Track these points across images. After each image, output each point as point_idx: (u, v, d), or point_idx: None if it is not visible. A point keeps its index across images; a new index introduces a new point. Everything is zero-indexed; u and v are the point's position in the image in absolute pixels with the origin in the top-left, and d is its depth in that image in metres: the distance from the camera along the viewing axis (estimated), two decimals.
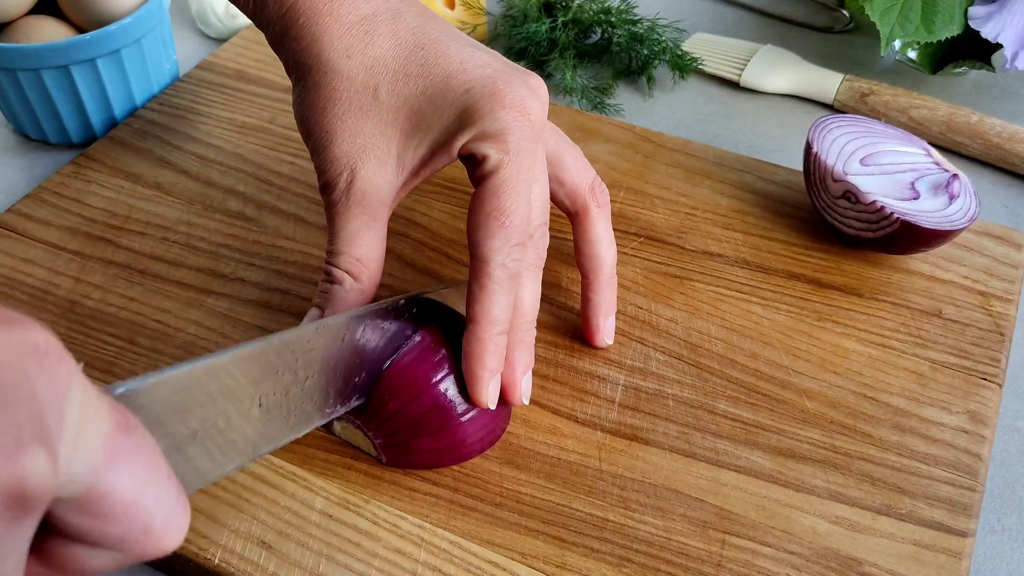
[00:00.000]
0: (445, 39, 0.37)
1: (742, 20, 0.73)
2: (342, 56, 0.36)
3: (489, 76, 0.36)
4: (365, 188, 0.36)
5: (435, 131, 0.36)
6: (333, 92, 0.36)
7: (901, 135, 0.49)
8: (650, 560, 0.36)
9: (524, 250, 0.36)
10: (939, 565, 0.36)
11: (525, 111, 0.35)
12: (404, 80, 0.36)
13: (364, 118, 0.36)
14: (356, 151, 0.36)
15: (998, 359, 0.43)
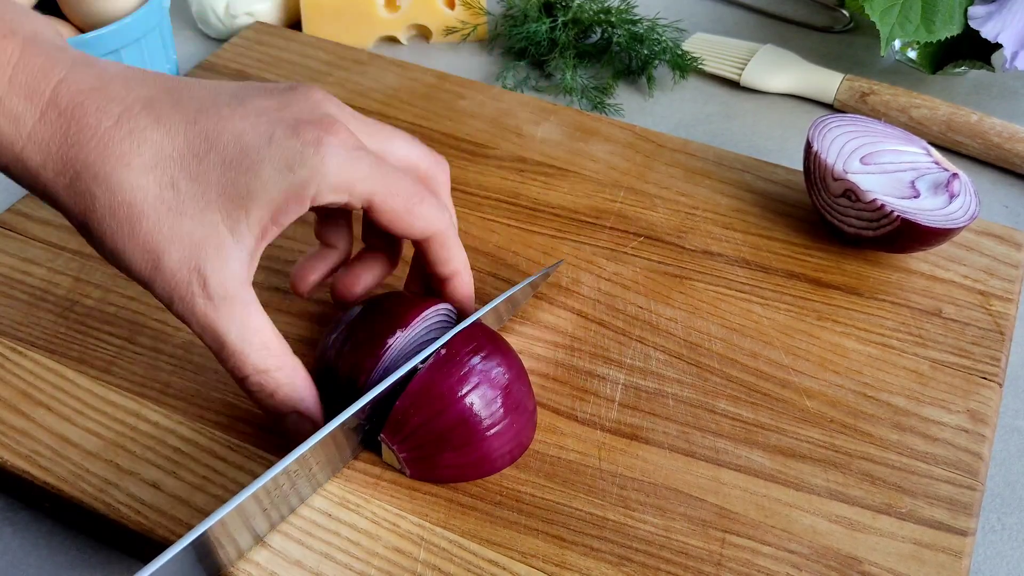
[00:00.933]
0: (211, 101, 0.34)
1: (742, 20, 0.73)
2: (120, 167, 0.32)
3: (279, 118, 0.33)
4: (221, 280, 0.33)
5: (264, 192, 0.33)
6: (131, 209, 0.32)
7: (901, 134, 0.49)
8: (650, 559, 0.36)
9: (440, 198, 0.39)
10: (939, 564, 0.36)
11: (334, 137, 0.33)
12: (196, 161, 0.32)
13: (179, 217, 0.32)
14: (189, 253, 0.32)
15: (998, 358, 0.43)
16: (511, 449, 0.38)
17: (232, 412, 0.40)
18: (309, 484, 0.36)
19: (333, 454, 0.36)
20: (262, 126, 0.33)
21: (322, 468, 0.36)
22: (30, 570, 0.38)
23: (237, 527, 0.33)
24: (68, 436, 0.39)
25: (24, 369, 0.42)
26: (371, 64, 0.61)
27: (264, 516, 0.35)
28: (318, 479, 0.37)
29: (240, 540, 0.34)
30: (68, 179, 0.32)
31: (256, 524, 0.34)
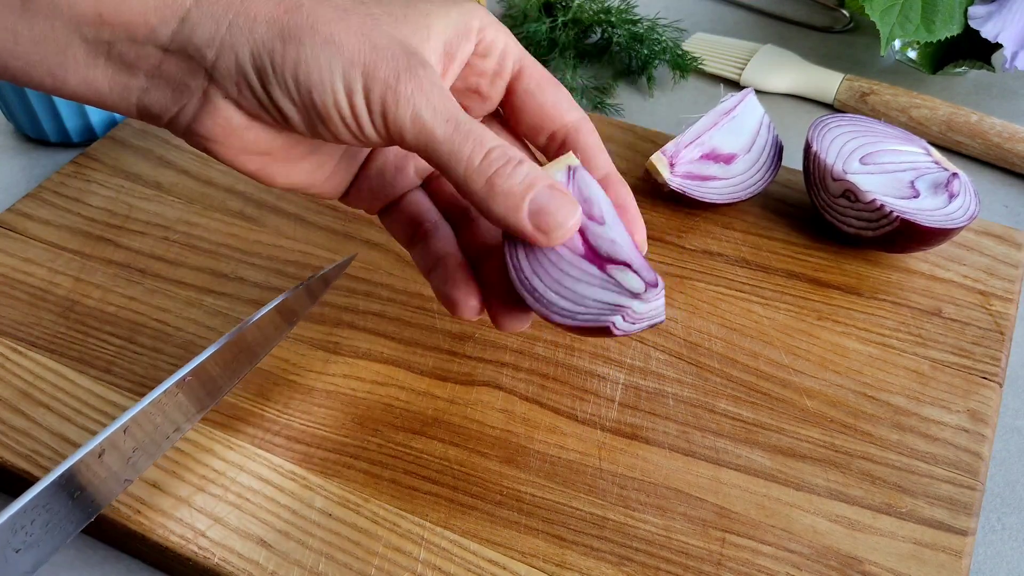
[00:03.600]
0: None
1: (742, 20, 0.73)
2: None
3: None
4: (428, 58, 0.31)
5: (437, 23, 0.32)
6: (337, 9, 0.30)
7: (901, 134, 0.49)
8: (650, 559, 0.36)
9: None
10: (939, 564, 0.36)
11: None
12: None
13: (377, 25, 0.30)
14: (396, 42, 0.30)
15: (998, 358, 0.43)
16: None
17: (232, 412, 0.40)
18: (182, 414, 0.36)
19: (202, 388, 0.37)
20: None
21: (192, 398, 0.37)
22: None
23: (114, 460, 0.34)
24: (68, 436, 0.39)
25: (24, 369, 0.42)
26: None
27: (141, 452, 0.35)
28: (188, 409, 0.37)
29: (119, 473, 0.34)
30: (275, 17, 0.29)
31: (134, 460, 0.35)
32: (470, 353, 0.43)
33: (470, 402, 0.41)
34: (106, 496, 0.34)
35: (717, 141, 0.50)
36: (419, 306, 0.45)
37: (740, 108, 0.50)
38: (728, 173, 0.49)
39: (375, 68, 0.29)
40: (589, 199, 0.33)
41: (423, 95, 0.30)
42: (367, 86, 0.30)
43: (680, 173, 0.49)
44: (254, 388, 0.41)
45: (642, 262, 0.32)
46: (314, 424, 0.40)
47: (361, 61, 0.29)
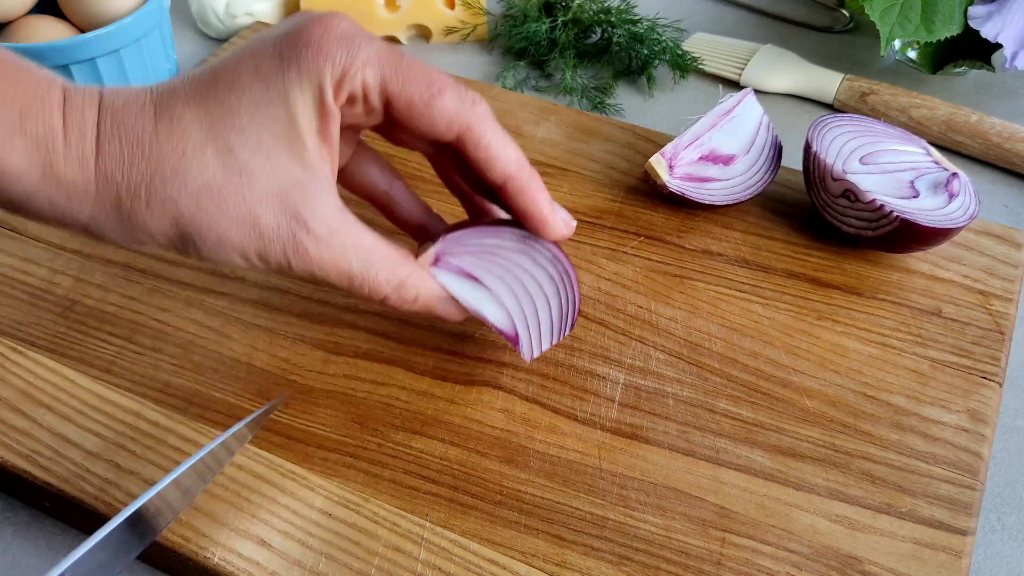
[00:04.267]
0: (217, 64, 0.33)
1: (742, 20, 0.73)
2: (180, 159, 0.31)
3: (275, 38, 0.33)
4: (321, 218, 0.33)
5: (302, 116, 0.32)
6: (211, 190, 0.32)
7: (901, 134, 0.49)
8: (650, 559, 0.36)
9: (469, 90, 0.34)
10: (939, 563, 0.36)
11: (332, 22, 0.32)
12: (233, 115, 0.32)
13: (250, 178, 0.32)
14: (281, 206, 0.32)
15: (998, 358, 0.43)
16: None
17: (232, 412, 0.40)
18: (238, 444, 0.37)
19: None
20: (269, 49, 0.33)
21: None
22: (30, 570, 0.38)
23: (174, 497, 0.33)
24: (68, 436, 0.39)
25: (24, 369, 0.42)
26: None
27: (199, 481, 0.35)
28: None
29: (175, 506, 0.34)
30: (144, 199, 0.32)
31: (191, 490, 0.35)
32: (470, 353, 0.43)
33: (470, 402, 0.41)
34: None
35: (716, 142, 0.50)
36: None
37: (739, 109, 0.50)
38: (727, 174, 0.49)
39: (268, 253, 0.33)
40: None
41: (316, 263, 0.33)
42: (266, 263, 0.33)
43: (679, 175, 0.49)
44: (254, 388, 0.41)
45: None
46: (314, 424, 0.40)
47: (254, 250, 0.33)
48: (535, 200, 0.36)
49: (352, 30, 0.33)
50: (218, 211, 0.32)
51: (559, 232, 0.37)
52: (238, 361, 0.42)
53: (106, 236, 0.33)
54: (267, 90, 0.32)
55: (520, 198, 0.36)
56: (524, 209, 0.36)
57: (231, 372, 0.42)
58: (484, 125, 0.34)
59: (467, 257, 0.37)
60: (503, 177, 0.35)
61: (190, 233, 0.32)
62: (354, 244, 0.34)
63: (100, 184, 0.32)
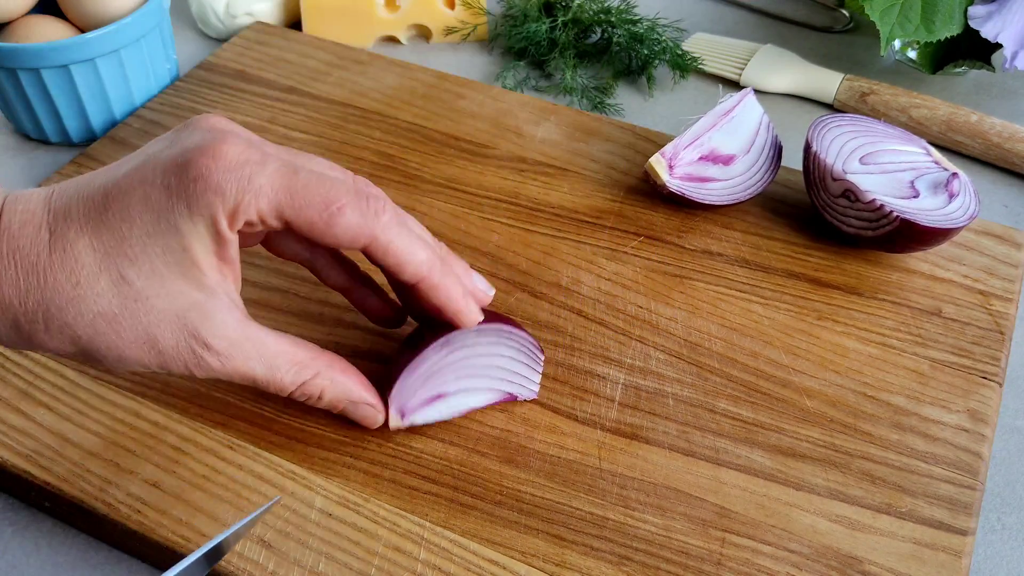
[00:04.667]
0: (112, 178, 0.33)
1: (742, 20, 0.73)
2: (74, 288, 0.32)
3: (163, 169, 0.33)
4: (221, 335, 0.33)
5: (196, 245, 0.32)
6: (106, 317, 0.32)
7: (901, 134, 0.49)
8: (650, 559, 0.36)
9: (372, 204, 0.34)
10: (939, 563, 0.36)
11: (219, 151, 0.32)
12: (125, 243, 0.32)
13: (145, 303, 0.32)
14: (178, 328, 0.33)
15: (998, 358, 0.43)
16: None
17: (232, 412, 0.40)
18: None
19: None
20: (159, 178, 0.32)
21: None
22: (30, 570, 0.38)
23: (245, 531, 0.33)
24: (68, 435, 0.39)
25: (24, 369, 0.42)
26: (371, 64, 0.61)
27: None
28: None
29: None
30: (43, 324, 0.32)
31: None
32: None
33: None
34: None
35: (716, 142, 0.50)
36: None
37: (739, 108, 0.50)
38: (727, 174, 0.49)
39: (169, 366, 0.33)
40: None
41: (219, 373, 0.34)
42: (169, 373, 0.34)
43: (679, 175, 0.49)
44: (254, 388, 0.41)
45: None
46: (314, 424, 0.40)
47: (156, 364, 0.33)
48: (448, 296, 0.36)
49: (241, 157, 0.32)
50: (115, 334, 0.32)
51: (475, 319, 0.37)
52: None
53: (8, 346, 0.34)
54: (158, 223, 0.32)
55: (433, 296, 0.36)
56: (439, 305, 0.37)
57: None
58: (390, 234, 0.34)
59: (421, 392, 0.39)
60: (415, 279, 0.36)
61: (90, 351, 0.33)
62: (257, 353, 0.34)
63: (4, 306, 0.32)
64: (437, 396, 0.39)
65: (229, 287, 0.34)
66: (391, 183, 0.52)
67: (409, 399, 0.38)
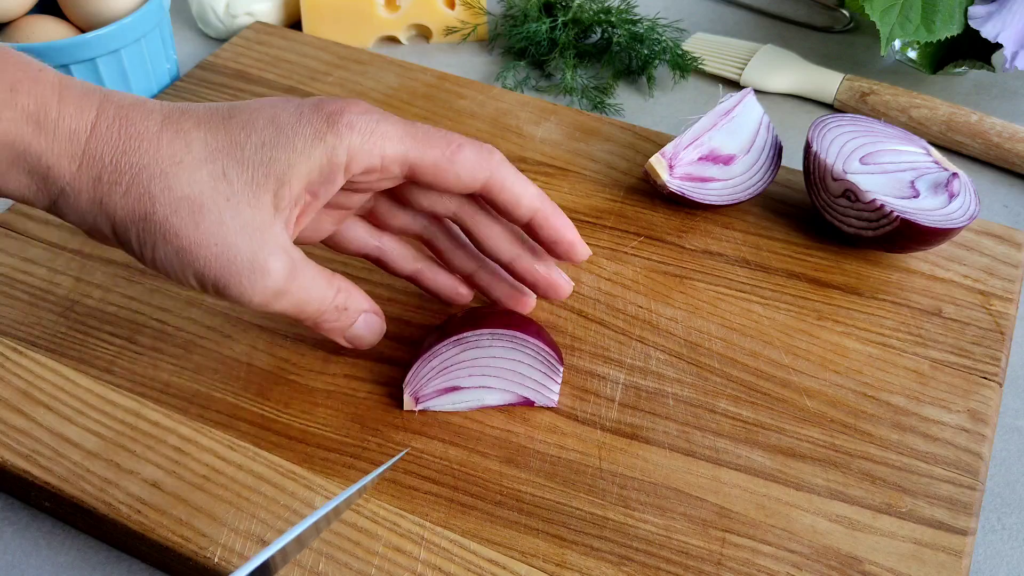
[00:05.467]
0: (239, 103, 0.35)
1: (742, 20, 0.73)
2: (173, 166, 0.33)
3: (306, 102, 0.35)
4: (281, 263, 0.34)
5: (299, 165, 0.34)
6: (193, 203, 0.33)
7: (901, 134, 0.49)
8: (650, 559, 0.36)
9: (481, 145, 0.36)
10: (939, 563, 0.36)
11: (358, 106, 0.35)
12: (239, 148, 0.33)
13: (236, 207, 0.33)
14: (251, 240, 0.33)
15: (998, 358, 0.43)
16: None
17: (232, 412, 0.40)
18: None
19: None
20: (291, 107, 0.35)
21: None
22: (30, 570, 0.38)
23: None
24: (68, 436, 0.39)
25: (24, 369, 0.42)
26: (371, 64, 0.61)
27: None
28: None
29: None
30: (124, 186, 0.33)
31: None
32: None
33: None
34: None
35: (716, 142, 0.50)
36: (419, 306, 0.45)
37: (739, 108, 0.50)
38: (727, 174, 0.49)
39: (226, 281, 0.34)
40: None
41: (269, 294, 0.35)
42: (217, 291, 0.34)
43: (679, 175, 0.49)
44: (254, 388, 0.41)
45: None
46: (314, 424, 0.40)
47: (213, 273, 0.33)
48: (562, 225, 0.38)
49: (371, 108, 0.35)
50: (192, 224, 0.33)
51: (584, 252, 0.39)
52: (238, 361, 0.42)
53: (67, 215, 0.34)
54: (278, 136, 0.34)
55: (548, 228, 0.38)
56: (553, 236, 0.38)
57: (231, 372, 0.42)
58: (504, 170, 0.37)
59: (435, 382, 0.40)
60: (530, 212, 0.37)
61: (154, 233, 0.33)
62: (308, 286, 0.36)
63: (85, 160, 0.32)
64: (452, 388, 0.40)
65: (300, 224, 0.36)
66: None
67: (423, 387, 0.39)
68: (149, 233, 0.33)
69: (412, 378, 0.40)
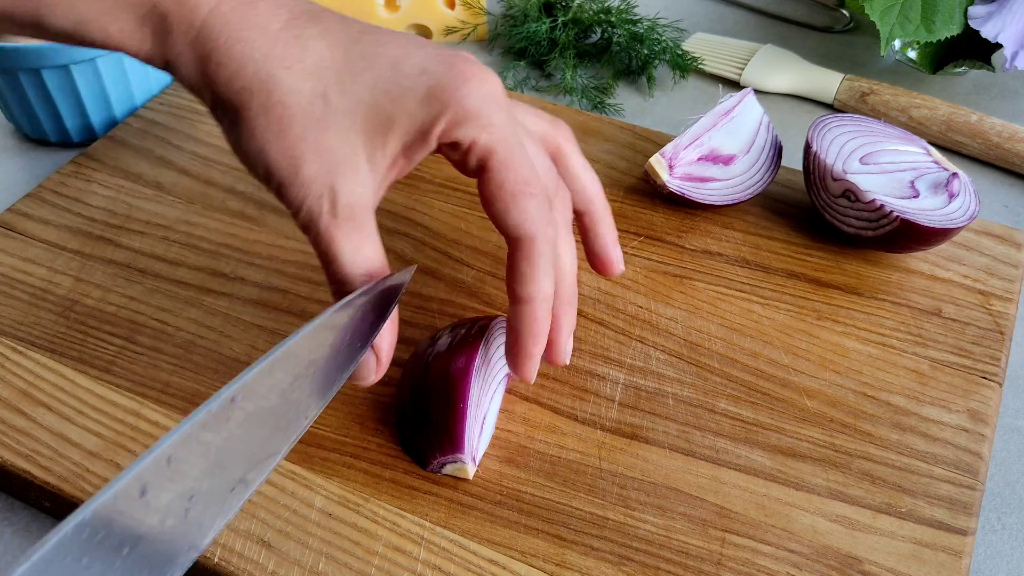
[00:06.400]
0: (373, 29, 0.34)
1: (742, 20, 0.73)
2: (282, 68, 0.32)
3: (436, 55, 0.33)
4: (350, 202, 0.33)
5: (402, 125, 0.33)
6: (285, 110, 0.32)
7: (901, 134, 0.49)
8: (650, 559, 0.36)
9: (556, 212, 0.35)
10: (939, 564, 0.36)
11: (484, 80, 0.33)
12: (351, 77, 0.33)
13: (324, 130, 0.33)
14: (328, 168, 0.33)
15: (998, 358, 0.43)
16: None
17: None
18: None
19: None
20: (418, 57, 0.33)
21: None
22: None
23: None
24: (68, 436, 0.39)
25: (24, 369, 0.42)
26: None
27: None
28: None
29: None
30: (229, 73, 0.32)
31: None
32: None
33: None
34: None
35: (716, 142, 0.50)
36: (419, 306, 0.45)
37: (739, 108, 0.50)
38: (727, 174, 0.49)
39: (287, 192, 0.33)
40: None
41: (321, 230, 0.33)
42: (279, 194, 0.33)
43: (679, 175, 0.49)
44: None
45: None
46: (314, 424, 0.40)
47: (278, 179, 0.33)
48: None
49: (498, 92, 0.34)
50: (278, 130, 0.32)
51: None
52: (238, 361, 0.42)
53: (178, 79, 0.34)
54: (393, 85, 0.33)
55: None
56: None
57: (231, 372, 0.42)
58: (542, 249, 0.34)
59: (476, 428, 0.38)
60: (518, 298, 0.35)
61: (242, 126, 0.33)
62: (358, 242, 0.34)
63: (201, 35, 0.32)
64: (483, 421, 0.39)
65: (387, 179, 0.35)
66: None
67: (474, 442, 0.38)
68: (237, 124, 0.33)
69: (469, 443, 0.37)
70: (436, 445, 0.37)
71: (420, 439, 0.38)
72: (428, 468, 0.38)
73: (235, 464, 0.28)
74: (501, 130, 0.33)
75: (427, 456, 0.38)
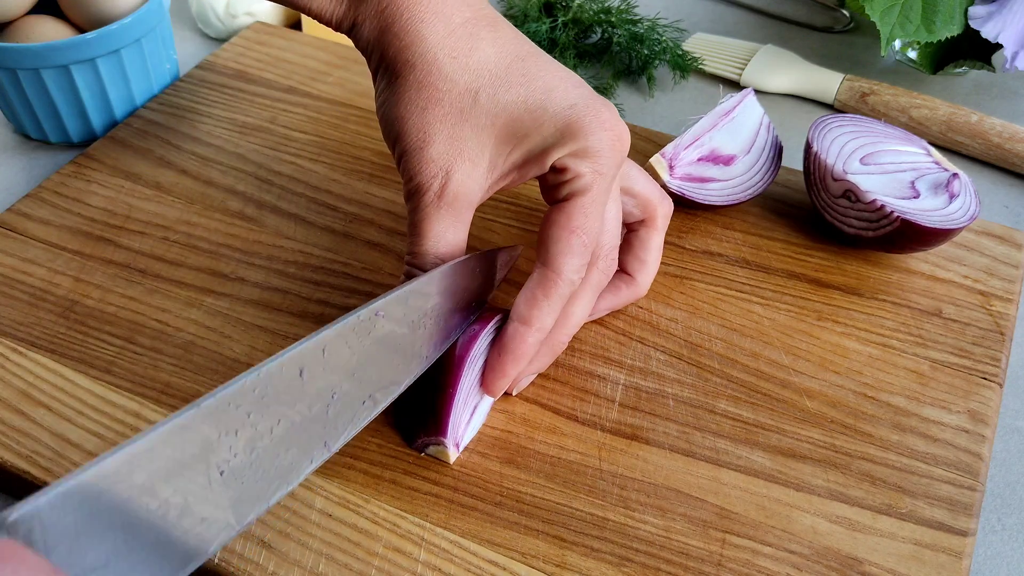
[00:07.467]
0: (540, 54, 0.37)
1: (742, 20, 0.73)
2: (448, 57, 0.36)
3: (588, 96, 0.36)
4: (457, 190, 0.36)
5: (532, 141, 0.36)
6: (436, 92, 0.36)
7: (901, 134, 0.49)
8: (650, 559, 0.36)
9: (593, 269, 0.38)
10: (939, 564, 0.36)
11: (619, 136, 0.36)
12: (505, 87, 0.36)
13: (463, 121, 0.36)
14: (452, 153, 0.36)
15: (998, 358, 0.43)
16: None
17: None
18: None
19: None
20: (572, 94, 0.36)
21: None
22: None
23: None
24: (68, 436, 0.39)
25: (24, 369, 0.42)
26: None
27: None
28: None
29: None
30: (403, 44, 0.36)
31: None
32: None
33: None
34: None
35: (716, 142, 0.50)
36: None
37: (739, 109, 0.50)
38: (727, 175, 0.49)
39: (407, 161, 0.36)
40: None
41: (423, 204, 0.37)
42: (398, 160, 0.37)
43: (679, 175, 0.49)
44: None
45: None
46: None
47: (401, 148, 0.36)
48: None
49: (622, 146, 0.37)
50: (421, 107, 0.36)
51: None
52: (238, 361, 0.42)
53: (358, 41, 0.38)
54: (540, 108, 0.36)
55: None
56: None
57: (231, 372, 0.42)
58: (560, 292, 0.37)
59: (464, 415, 0.39)
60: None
61: (392, 93, 0.36)
62: (448, 229, 0.37)
63: (388, 8, 0.36)
64: (472, 410, 0.39)
65: (498, 184, 0.38)
66: (391, 184, 0.52)
67: (460, 428, 0.38)
68: (391, 88, 0.36)
69: (453, 428, 0.38)
70: (422, 425, 0.38)
71: (409, 416, 0.39)
72: (413, 446, 0.39)
73: (368, 379, 0.33)
74: (604, 178, 0.36)
75: (413, 434, 0.39)
